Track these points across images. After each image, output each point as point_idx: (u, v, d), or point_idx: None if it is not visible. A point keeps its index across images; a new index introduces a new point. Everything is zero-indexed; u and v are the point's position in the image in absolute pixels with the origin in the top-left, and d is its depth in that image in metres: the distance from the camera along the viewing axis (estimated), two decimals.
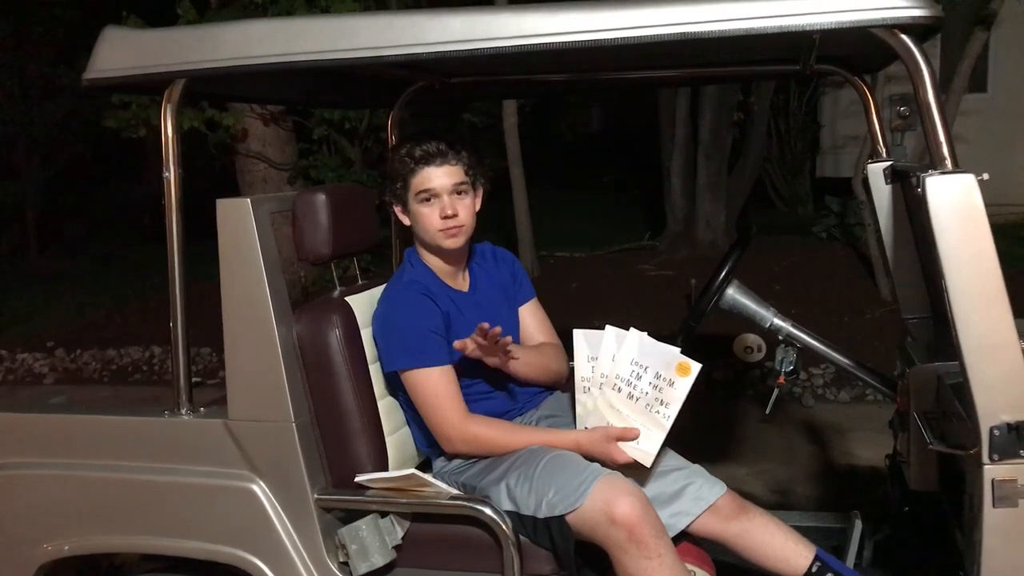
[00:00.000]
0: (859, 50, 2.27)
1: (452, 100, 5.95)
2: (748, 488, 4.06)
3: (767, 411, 2.74)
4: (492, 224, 9.46)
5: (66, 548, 2.26)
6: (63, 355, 7.58)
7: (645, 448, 2.12)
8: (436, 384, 2.17)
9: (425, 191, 2.23)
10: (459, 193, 2.26)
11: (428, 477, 2.10)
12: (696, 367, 2.08)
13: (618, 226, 9.59)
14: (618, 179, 12.70)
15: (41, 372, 7.40)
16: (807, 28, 1.69)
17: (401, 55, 1.88)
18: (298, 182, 7.98)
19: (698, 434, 4.55)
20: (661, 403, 2.10)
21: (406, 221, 2.31)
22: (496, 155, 8.77)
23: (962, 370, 1.68)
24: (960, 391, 1.79)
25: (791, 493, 4.07)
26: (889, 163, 2.48)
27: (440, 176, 2.23)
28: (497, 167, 8.29)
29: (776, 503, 3.92)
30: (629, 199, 11.15)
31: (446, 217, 2.23)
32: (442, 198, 2.23)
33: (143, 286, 8.88)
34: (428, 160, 2.22)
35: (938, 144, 1.67)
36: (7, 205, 12.03)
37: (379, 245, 2.48)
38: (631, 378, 2.14)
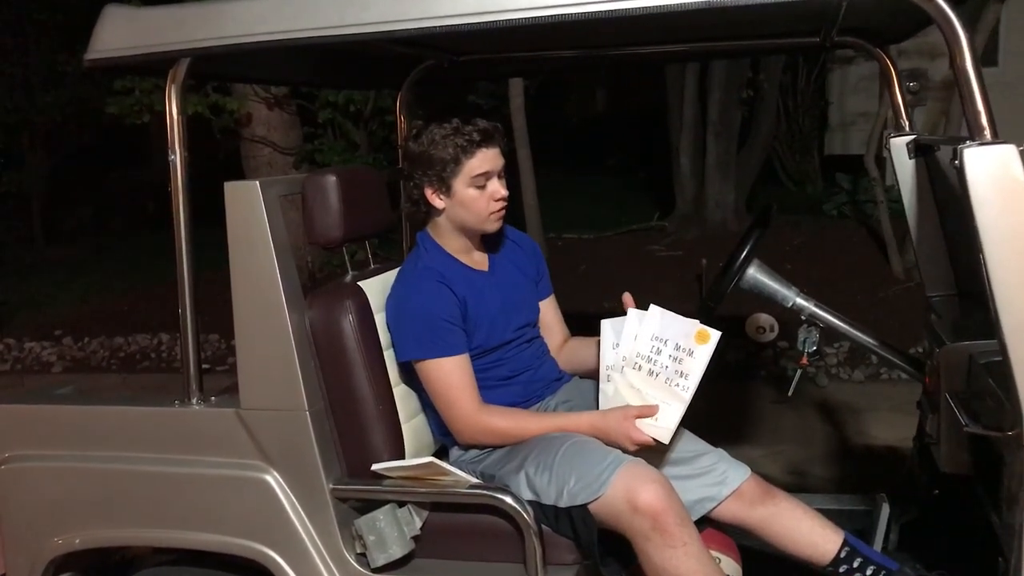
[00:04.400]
0: (884, 20, 2.20)
1: (461, 79, 5.87)
2: (765, 470, 3.96)
3: (790, 392, 2.70)
4: None
5: (77, 541, 2.21)
6: (71, 343, 7.56)
7: (663, 424, 2.07)
8: (450, 375, 2.12)
9: (484, 174, 2.15)
10: (502, 174, 2.21)
11: (447, 465, 2.04)
12: (716, 334, 2.05)
13: (626, 207, 9.52)
14: (626, 160, 12.62)
15: (49, 360, 7.37)
16: None
17: (411, 29, 1.81)
18: (303, 166, 7.93)
19: (712, 416, 4.51)
20: (681, 375, 2.06)
21: (440, 204, 2.20)
22: (505, 137, 8.69)
23: (1002, 349, 1.61)
24: (997, 370, 1.73)
25: (808, 475, 4.02)
26: (912, 137, 2.41)
27: (496, 158, 2.18)
28: (503, 149, 8.20)
29: (793, 485, 3.86)
30: (637, 180, 11.07)
31: (499, 200, 2.17)
32: (494, 180, 2.18)
33: (150, 273, 8.84)
34: (488, 141, 2.15)
35: (976, 114, 1.60)
36: (12, 194, 11.99)
37: (387, 229, 2.42)
38: (651, 354, 2.10)
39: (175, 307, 2.12)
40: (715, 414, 4.59)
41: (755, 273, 2.58)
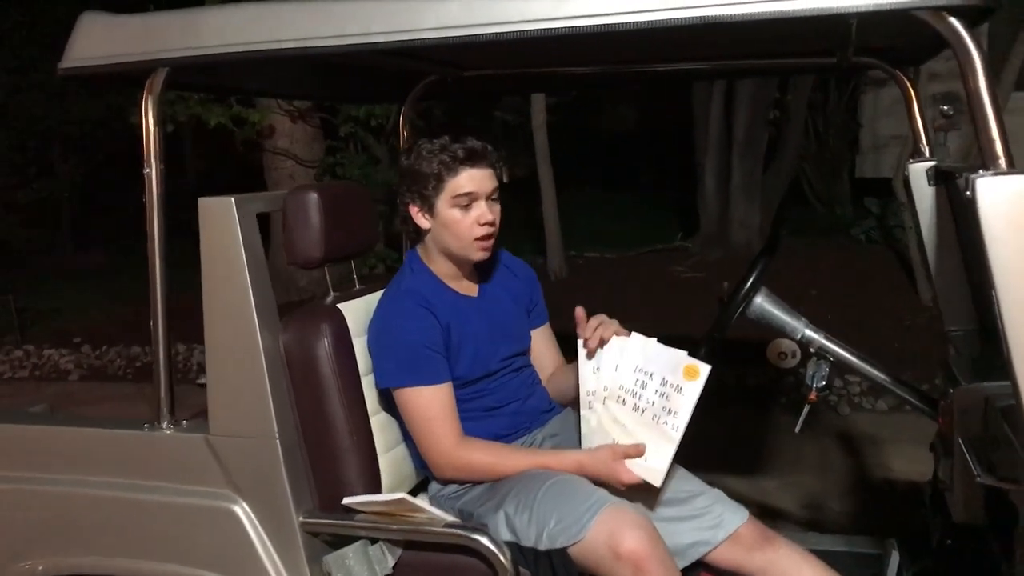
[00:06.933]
0: (901, 40, 2.09)
1: (467, 95, 5.79)
2: (778, 503, 3.90)
3: (797, 429, 2.56)
4: (520, 223, 9.38)
5: (40, 568, 2.13)
6: (89, 351, 7.58)
7: (654, 465, 1.96)
8: (428, 405, 2.02)
9: (466, 194, 2.04)
10: (495, 199, 2.10)
11: (419, 502, 1.94)
12: (705, 369, 1.93)
13: (650, 226, 9.40)
14: (651, 178, 12.51)
15: (66, 368, 7.41)
16: (843, 11, 1.51)
17: (393, 42, 1.72)
18: (325, 179, 7.90)
19: (728, 443, 4.41)
20: (669, 412, 1.94)
21: (425, 224, 2.11)
22: (529, 154, 8.65)
23: (1015, 392, 1.48)
24: (1012, 416, 1.60)
25: (824, 509, 3.88)
26: (932, 163, 2.30)
27: (482, 179, 2.06)
28: (531, 165, 8.17)
29: (808, 519, 3.75)
30: (662, 199, 10.96)
31: (484, 224, 2.06)
32: (480, 203, 2.06)
33: (173, 282, 8.82)
34: (473, 160, 2.04)
35: (990, 141, 1.48)
36: (42, 201, 12.10)
37: (372, 249, 2.33)
38: (636, 387, 1.99)
39: (192, 318, 2.05)
40: (732, 441, 4.49)
41: (762, 302, 2.46)
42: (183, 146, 13.69)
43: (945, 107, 2.32)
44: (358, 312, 2.13)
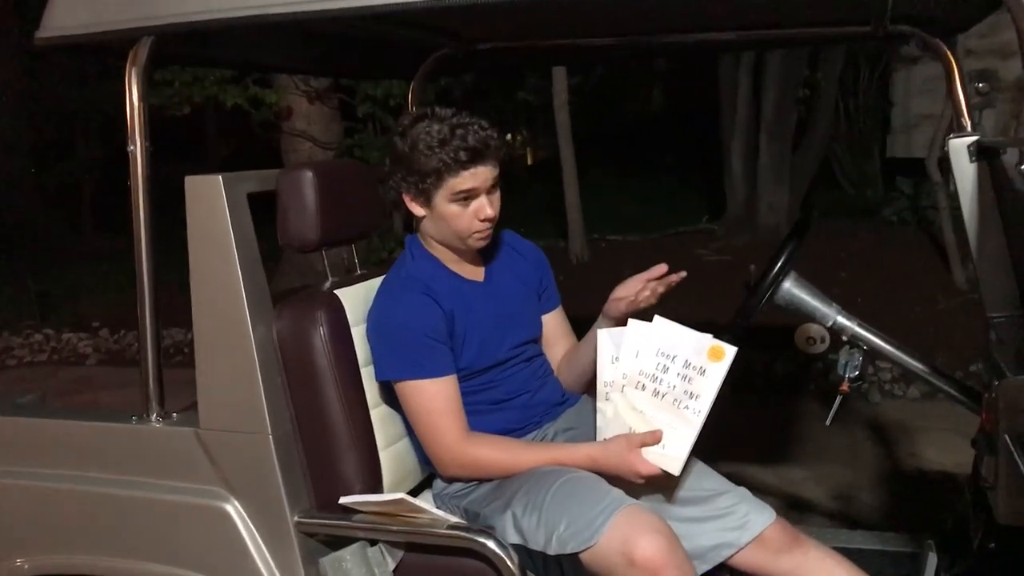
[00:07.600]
0: (942, 4, 1.93)
1: (479, 70, 5.64)
2: (808, 494, 3.77)
3: (828, 421, 2.43)
4: (542, 206, 9.25)
5: (26, 567, 2.04)
6: (107, 336, 7.56)
7: (672, 453, 1.83)
8: (431, 399, 1.89)
9: (465, 191, 1.91)
10: (494, 188, 1.96)
11: (419, 502, 1.82)
12: (731, 351, 1.81)
13: (674, 209, 9.26)
14: (676, 159, 12.34)
15: (85, 352, 7.41)
16: None
17: (389, 4, 1.60)
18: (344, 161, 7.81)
19: (754, 432, 4.28)
20: (690, 396, 1.82)
21: (420, 212, 1.98)
22: (550, 134, 8.52)
23: None
24: None
25: (855, 501, 3.75)
26: (975, 138, 2.14)
27: (485, 174, 1.92)
28: (552, 146, 8.05)
29: (837, 511, 3.63)
30: (687, 180, 10.81)
31: (484, 220, 1.94)
32: (480, 197, 1.93)
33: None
34: (477, 160, 1.89)
35: None
36: (63, 185, 12.10)
37: (374, 231, 2.20)
38: (657, 372, 1.87)
39: None
40: (759, 430, 4.35)
41: (791, 288, 2.31)
42: (204, 131, 13.66)
43: (980, 84, 2.18)
44: (357, 299, 2.01)
